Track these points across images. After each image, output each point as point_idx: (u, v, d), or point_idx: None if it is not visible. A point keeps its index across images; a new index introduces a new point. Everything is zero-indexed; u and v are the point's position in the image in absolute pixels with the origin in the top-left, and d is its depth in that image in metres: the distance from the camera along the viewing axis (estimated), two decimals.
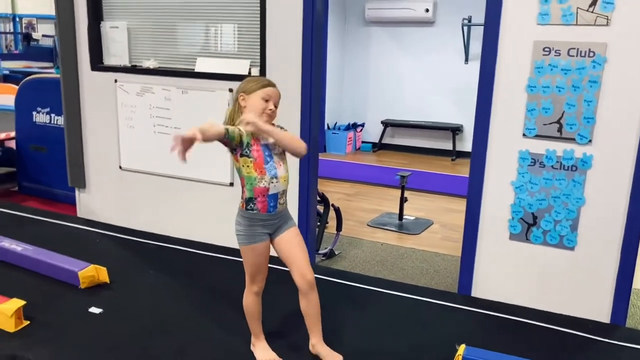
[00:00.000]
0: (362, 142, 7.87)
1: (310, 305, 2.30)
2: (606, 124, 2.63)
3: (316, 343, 2.37)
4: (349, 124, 7.72)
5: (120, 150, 3.96)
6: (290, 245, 2.28)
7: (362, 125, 7.87)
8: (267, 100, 2.18)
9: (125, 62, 3.88)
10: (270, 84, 2.24)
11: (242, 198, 2.23)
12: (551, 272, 2.86)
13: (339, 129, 7.59)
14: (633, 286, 2.78)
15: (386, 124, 7.65)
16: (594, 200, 2.71)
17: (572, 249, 2.79)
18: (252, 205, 2.20)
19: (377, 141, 7.77)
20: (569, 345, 2.58)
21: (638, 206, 2.63)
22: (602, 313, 2.79)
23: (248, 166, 2.17)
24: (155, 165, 3.84)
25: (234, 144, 2.14)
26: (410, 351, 2.48)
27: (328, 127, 7.61)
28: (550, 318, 2.81)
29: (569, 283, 2.84)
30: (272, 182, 2.18)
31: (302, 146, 2.21)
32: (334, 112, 7.80)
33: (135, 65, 3.85)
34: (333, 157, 7.19)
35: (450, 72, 7.22)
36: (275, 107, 2.22)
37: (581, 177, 2.71)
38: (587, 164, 2.69)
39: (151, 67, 3.76)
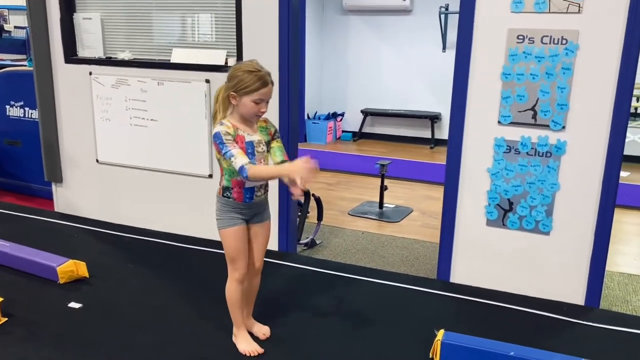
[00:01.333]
0: (343, 131, 7.88)
1: (251, 287, 2.44)
2: (579, 110, 2.68)
3: (246, 315, 2.47)
4: (329, 114, 7.72)
5: (96, 144, 3.91)
6: (257, 237, 2.35)
7: (342, 114, 7.87)
8: (259, 103, 2.12)
9: (99, 53, 3.82)
10: (265, 83, 2.10)
11: (219, 184, 2.26)
12: (527, 256, 2.91)
13: (319, 118, 7.59)
14: (606, 269, 2.85)
15: (366, 113, 7.67)
16: (568, 185, 2.76)
17: (547, 233, 2.84)
18: (229, 194, 2.23)
19: (357, 130, 7.79)
20: (545, 328, 2.64)
21: (610, 191, 2.69)
22: (577, 295, 2.86)
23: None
24: (133, 158, 3.80)
25: None
26: (391, 337, 2.51)
27: (308, 117, 7.60)
28: (526, 301, 2.86)
29: (544, 267, 2.89)
30: None
31: None
32: (314, 102, 7.78)
33: (110, 57, 3.79)
34: (314, 147, 7.19)
35: (429, 60, 7.25)
36: (267, 102, 2.16)
37: (555, 163, 2.75)
38: (561, 150, 2.73)
39: (126, 58, 3.71)
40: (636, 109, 7.21)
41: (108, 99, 3.76)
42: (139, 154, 3.77)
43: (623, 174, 5.67)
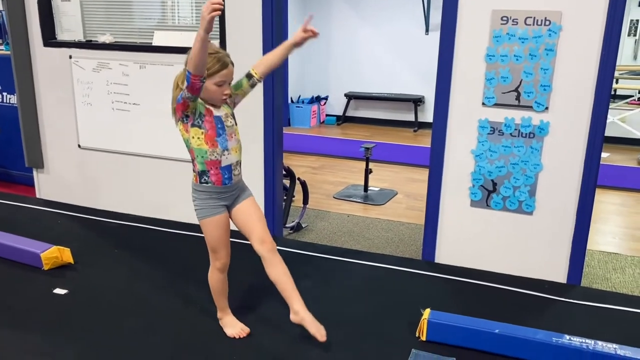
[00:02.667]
0: (327, 115, 7.87)
1: (277, 272, 2.21)
2: (562, 91, 2.70)
3: (299, 309, 2.18)
4: (312, 97, 7.70)
5: (78, 129, 3.85)
6: (247, 214, 2.26)
7: (326, 98, 7.86)
8: (221, 85, 2.09)
9: (79, 37, 3.75)
10: (225, 64, 2.07)
11: (194, 171, 2.19)
12: (511, 236, 2.96)
13: (302, 102, 7.56)
14: (587, 247, 2.91)
15: (349, 96, 7.66)
16: (551, 166, 2.80)
17: (530, 213, 2.89)
18: (207, 179, 2.17)
19: (341, 114, 7.78)
20: (528, 305, 2.69)
21: (591, 171, 2.73)
22: (559, 274, 2.91)
23: (199, 138, 2.11)
24: (116, 142, 3.76)
25: (193, 107, 2.07)
26: (377, 317, 2.54)
27: (292, 101, 7.57)
28: (510, 280, 2.91)
29: (527, 247, 2.94)
30: (224, 155, 2.15)
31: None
32: (297, 86, 7.75)
33: (90, 40, 3.73)
34: (298, 131, 7.18)
35: (411, 43, 7.25)
36: (230, 84, 2.15)
37: (538, 144, 2.79)
38: (544, 131, 2.77)
39: (107, 41, 3.65)
40: (616, 90, 7.31)
41: (89, 83, 3.70)
42: (121, 139, 3.73)
43: (603, 154, 5.75)
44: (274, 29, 3.17)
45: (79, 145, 3.89)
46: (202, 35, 1.86)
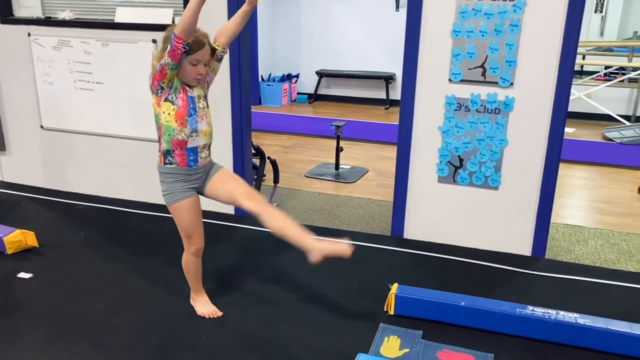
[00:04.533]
0: (298, 93, 7.81)
1: (276, 221, 2.15)
2: (527, 67, 2.73)
3: (313, 245, 2.11)
4: (283, 75, 7.62)
5: (40, 109, 3.74)
6: (223, 182, 2.22)
7: (297, 76, 7.79)
8: (196, 64, 2.06)
9: (38, 13, 3.62)
10: (201, 43, 2.05)
11: (159, 151, 2.16)
12: (477, 211, 3.00)
13: (273, 80, 7.49)
14: (551, 221, 2.97)
15: (321, 74, 7.61)
16: (515, 141, 2.84)
17: (496, 188, 2.93)
18: (171, 159, 2.14)
19: (312, 92, 7.74)
20: (494, 278, 2.75)
21: (555, 146, 2.78)
22: (524, 247, 2.98)
23: (169, 114, 2.08)
24: (80, 123, 3.67)
25: (170, 77, 2.04)
26: (347, 293, 2.56)
27: (262, 79, 7.49)
28: (476, 254, 2.97)
29: (493, 221, 2.99)
30: (192, 136, 2.13)
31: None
32: (268, 64, 7.66)
33: (50, 17, 3.60)
34: (268, 110, 7.12)
35: (382, 20, 7.22)
36: (205, 65, 2.11)
37: (504, 120, 2.82)
38: (509, 107, 2.79)
39: (67, 18, 3.54)
40: (582, 66, 7.42)
41: (50, 61, 3.59)
42: (86, 119, 3.64)
43: (569, 130, 5.87)
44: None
45: (42, 126, 3.79)
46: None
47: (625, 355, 2.11)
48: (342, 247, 2.12)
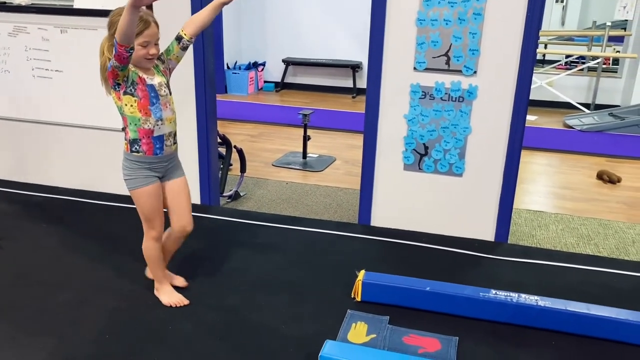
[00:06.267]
0: (265, 81, 7.75)
1: (173, 248, 2.41)
2: (489, 56, 2.77)
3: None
4: (249, 64, 7.55)
5: None
6: (177, 193, 2.26)
7: (263, 64, 7.73)
8: (146, 46, 2.02)
9: None
10: (147, 23, 2.00)
11: (125, 139, 2.14)
12: (442, 198, 3.05)
13: (239, 68, 7.40)
14: (514, 206, 3.04)
15: (287, 62, 7.56)
16: (479, 128, 2.88)
17: (460, 175, 2.98)
18: (137, 147, 2.12)
19: (279, 80, 7.69)
20: (459, 263, 2.80)
21: (518, 133, 2.83)
22: (487, 232, 3.04)
23: (132, 106, 2.06)
24: (38, 112, 3.56)
25: (123, 75, 2.00)
26: (314, 281, 2.58)
27: (228, 67, 7.40)
28: (441, 240, 3.02)
29: (458, 207, 3.04)
30: (157, 125, 2.11)
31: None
32: (233, 51, 7.57)
33: (5, 2, 3.47)
34: (234, 98, 7.05)
35: (349, 7, 7.20)
36: (156, 44, 2.08)
37: (467, 108, 2.86)
38: (472, 95, 2.84)
39: (23, 3, 3.42)
40: (544, 55, 7.58)
41: (5, 48, 3.47)
42: (45, 108, 3.54)
43: (531, 117, 6.00)
44: None
45: None
46: (131, 8, 1.78)
47: (583, 335, 2.19)
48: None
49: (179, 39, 2.18)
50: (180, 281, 2.46)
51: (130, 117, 2.09)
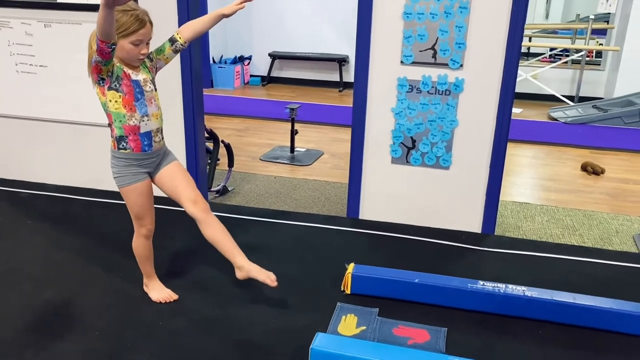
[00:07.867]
0: (251, 75, 7.73)
1: (214, 231, 2.20)
2: (475, 49, 2.79)
3: (243, 263, 2.21)
4: (235, 58, 7.52)
5: None
6: (174, 178, 2.21)
7: (249, 58, 7.70)
8: (138, 44, 2.00)
9: None
10: (143, 22, 1.98)
11: (112, 137, 2.11)
12: (429, 191, 3.07)
13: (225, 62, 7.37)
14: (500, 199, 3.08)
15: (274, 56, 7.54)
16: (465, 121, 2.91)
17: (447, 168, 3.00)
18: (125, 144, 2.09)
19: (265, 74, 7.66)
20: (447, 255, 2.83)
21: (504, 126, 2.86)
22: (474, 224, 3.07)
23: (116, 102, 2.04)
24: (23, 108, 3.52)
25: (107, 70, 1.98)
26: (304, 274, 2.59)
27: (214, 61, 7.36)
28: (429, 232, 3.04)
29: (445, 200, 3.07)
30: (144, 121, 2.09)
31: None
32: (219, 45, 7.53)
33: None
34: (221, 93, 7.02)
35: (335, 1, 7.19)
36: (148, 44, 2.05)
37: (454, 101, 2.88)
38: (459, 88, 2.85)
39: None
40: (529, 48, 7.64)
41: None
42: (29, 104, 3.49)
43: (516, 110, 6.05)
44: None
45: None
46: (104, 7, 1.73)
47: (569, 324, 2.22)
48: (269, 275, 2.22)
49: (172, 41, 2.16)
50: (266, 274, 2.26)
51: (115, 114, 2.06)
